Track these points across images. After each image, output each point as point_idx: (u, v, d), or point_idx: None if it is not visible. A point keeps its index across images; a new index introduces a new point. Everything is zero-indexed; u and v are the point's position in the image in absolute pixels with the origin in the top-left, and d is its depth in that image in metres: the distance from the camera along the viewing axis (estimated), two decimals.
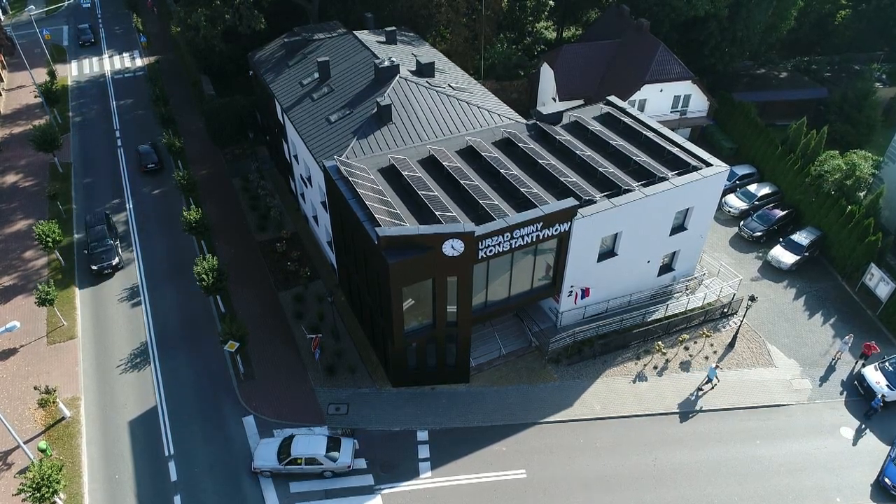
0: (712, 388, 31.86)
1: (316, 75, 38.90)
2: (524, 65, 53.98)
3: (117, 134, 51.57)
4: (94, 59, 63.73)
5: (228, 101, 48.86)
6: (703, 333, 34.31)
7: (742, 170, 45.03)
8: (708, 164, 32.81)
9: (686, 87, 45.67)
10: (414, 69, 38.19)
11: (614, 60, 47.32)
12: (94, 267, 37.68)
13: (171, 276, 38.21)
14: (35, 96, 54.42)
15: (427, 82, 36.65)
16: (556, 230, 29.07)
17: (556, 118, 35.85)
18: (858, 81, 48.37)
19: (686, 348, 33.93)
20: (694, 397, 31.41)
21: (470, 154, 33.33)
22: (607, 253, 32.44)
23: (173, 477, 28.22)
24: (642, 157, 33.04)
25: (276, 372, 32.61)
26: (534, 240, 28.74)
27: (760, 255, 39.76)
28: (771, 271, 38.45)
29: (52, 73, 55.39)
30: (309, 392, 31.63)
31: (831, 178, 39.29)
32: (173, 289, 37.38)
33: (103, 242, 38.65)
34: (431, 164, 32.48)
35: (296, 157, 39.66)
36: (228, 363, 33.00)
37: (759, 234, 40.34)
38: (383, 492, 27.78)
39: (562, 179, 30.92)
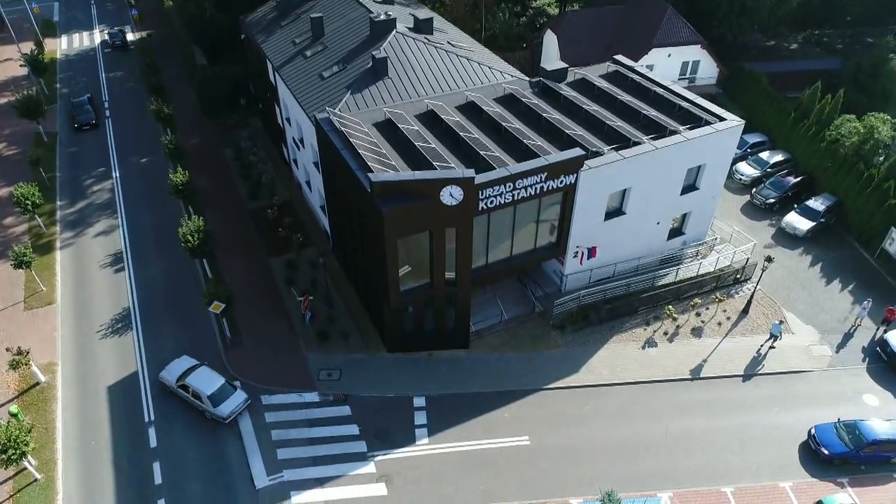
0: (772, 346, 30.40)
1: (309, 33, 37.21)
2: (526, 35, 52.26)
3: (106, 105, 49.85)
4: (85, 33, 62.05)
5: (220, 71, 47.09)
6: (716, 298, 32.53)
7: (753, 138, 43.27)
8: (721, 119, 31.09)
9: (695, 53, 43.99)
10: (411, 26, 36.47)
11: (620, 26, 45.60)
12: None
13: (157, 244, 36.43)
14: (21, 65, 52.69)
15: (425, 38, 34.95)
16: (561, 182, 27.33)
17: (561, 75, 34.13)
18: (874, 50, 46.59)
19: (698, 314, 32.16)
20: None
21: (470, 109, 31.61)
22: (615, 211, 30.68)
23: (153, 443, 26.46)
24: (652, 112, 31.30)
25: (264, 338, 30.85)
26: (538, 192, 27.00)
27: (773, 222, 38.00)
28: (785, 239, 36.66)
29: (39, 43, 53.67)
30: (299, 358, 29.87)
31: (848, 142, 37.53)
32: (159, 256, 35.60)
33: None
34: (429, 119, 30.75)
35: (288, 119, 37.95)
36: (215, 329, 31.24)
37: (773, 200, 38.58)
38: (376, 458, 26.02)
39: (567, 132, 29.19)
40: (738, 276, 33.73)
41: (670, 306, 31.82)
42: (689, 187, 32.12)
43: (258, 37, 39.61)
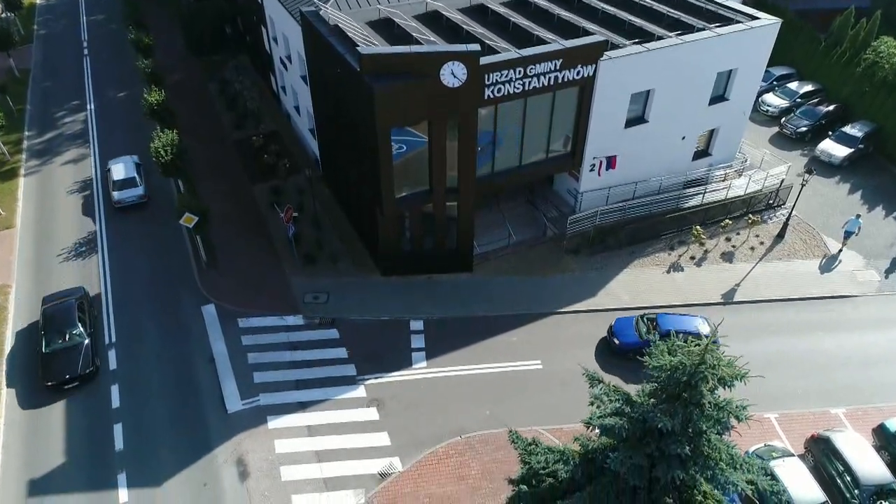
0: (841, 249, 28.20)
1: None
2: None
3: (84, 45, 46.73)
4: None
5: (206, 5, 43.97)
6: (750, 220, 29.23)
7: (779, 70, 39.92)
8: (754, 19, 27.85)
9: None
10: None
11: None
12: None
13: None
14: None
15: None
16: (577, 73, 24.09)
17: None
18: None
19: (728, 239, 28.89)
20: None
21: (476, 11, 28.38)
22: (637, 119, 27.42)
23: (112, 366, 23.24)
24: (677, 12, 28.07)
25: (244, 261, 27.64)
26: (551, 83, 23.76)
27: (806, 152, 34.68)
28: (820, 167, 33.26)
29: None
30: (282, 281, 26.66)
31: (888, 64, 34.24)
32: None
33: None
34: (430, 19, 27.50)
35: (275, 39, 34.74)
36: (188, 249, 28.04)
37: (805, 129, 35.27)
38: (367, 382, 22.78)
39: (584, 26, 25.97)
40: (771, 200, 30.45)
41: (698, 227, 28.51)
42: (718, 98, 28.86)
43: None
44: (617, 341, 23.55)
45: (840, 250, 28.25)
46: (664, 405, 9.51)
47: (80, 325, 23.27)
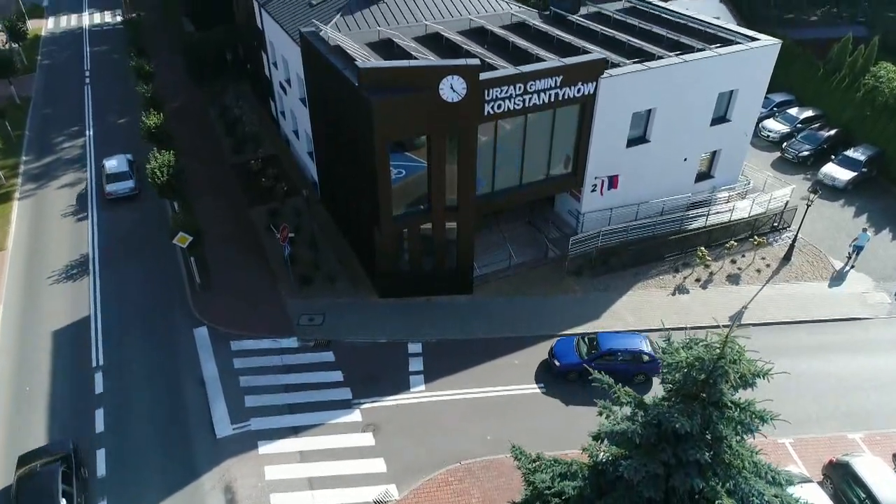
0: (853, 266, 28.01)
1: None
2: None
3: (87, 74, 46.97)
4: (73, 15, 59.74)
5: (208, 35, 44.42)
6: (756, 242, 28.66)
7: (779, 97, 39.97)
8: (754, 40, 27.82)
9: (713, 7, 41.11)
10: None
11: None
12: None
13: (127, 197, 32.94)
14: None
15: None
16: (578, 91, 23.87)
17: (573, 6, 31.03)
18: None
19: (733, 261, 28.28)
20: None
21: (476, 33, 28.37)
22: (638, 139, 27.12)
23: (98, 389, 22.35)
24: (676, 34, 28.08)
25: (239, 283, 26.98)
26: (552, 100, 23.51)
27: (808, 176, 34.33)
28: (824, 190, 32.87)
29: (21, 14, 51.09)
30: (277, 303, 25.94)
31: (888, 89, 34.19)
32: (127, 206, 31.96)
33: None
34: (430, 40, 27.44)
35: (275, 63, 34.80)
36: (182, 269, 27.42)
37: (807, 153, 35.02)
38: (363, 406, 21.85)
39: (583, 46, 25.88)
40: (776, 223, 29.95)
41: (703, 248, 27.93)
42: (720, 119, 28.64)
43: None
44: (558, 363, 22.62)
45: (852, 266, 27.89)
46: (681, 405, 8.75)
47: (63, 500, 17.79)
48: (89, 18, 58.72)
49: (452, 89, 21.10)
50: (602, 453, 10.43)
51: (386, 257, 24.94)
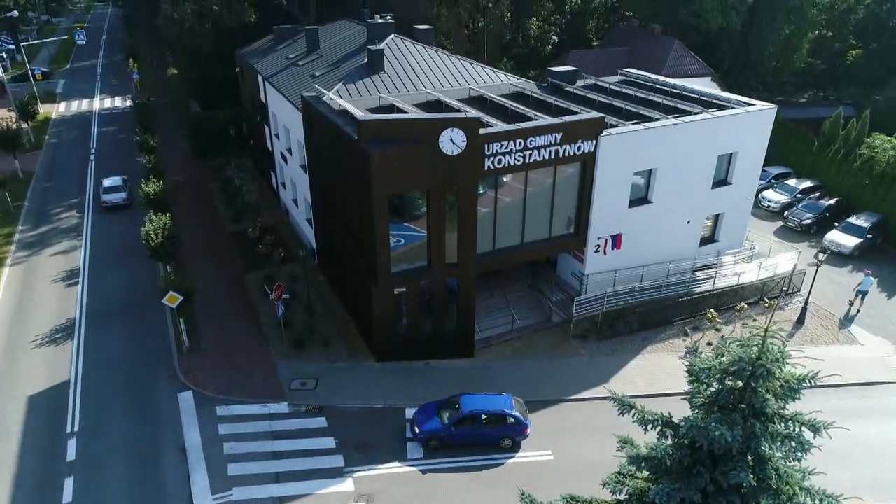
0: (858, 310, 28.19)
1: (304, 49, 35.60)
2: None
3: (92, 151, 47.72)
4: (85, 100, 61.73)
5: (213, 114, 45.63)
6: (766, 303, 27.72)
7: (776, 170, 40.39)
8: (750, 105, 28.24)
9: (705, 86, 42.22)
10: (411, 38, 34.88)
11: (627, 64, 44.37)
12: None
13: (120, 255, 32.33)
14: (9, 109, 51.32)
15: (424, 46, 33.13)
16: (578, 148, 23.83)
17: (571, 77, 31.79)
18: (891, 93, 45.16)
19: (745, 325, 27.16)
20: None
21: (476, 100, 28.80)
22: (640, 199, 26.85)
23: (70, 456, 20.67)
24: (672, 100, 28.56)
25: (228, 345, 25.81)
26: (552, 156, 23.41)
27: (813, 244, 33.88)
28: (830, 257, 32.34)
29: (33, 95, 52.60)
30: (268, 366, 24.66)
31: (884, 158, 34.50)
32: (119, 267, 31.34)
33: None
34: (431, 106, 27.84)
35: (276, 135, 35.29)
36: (170, 331, 26.28)
37: (809, 221, 34.81)
38: (356, 475, 20.10)
39: (581, 111, 26.15)
40: (785, 287, 29.15)
41: (712, 310, 26.96)
42: (721, 182, 28.54)
43: (251, 59, 38.11)
44: (417, 429, 20.90)
45: (857, 311, 27.76)
46: (717, 415, 7.61)
47: None
48: (100, 103, 60.61)
49: (452, 142, 21.00)
50: (626, 488, 9.13)
51: (383, 317, 23.93)
